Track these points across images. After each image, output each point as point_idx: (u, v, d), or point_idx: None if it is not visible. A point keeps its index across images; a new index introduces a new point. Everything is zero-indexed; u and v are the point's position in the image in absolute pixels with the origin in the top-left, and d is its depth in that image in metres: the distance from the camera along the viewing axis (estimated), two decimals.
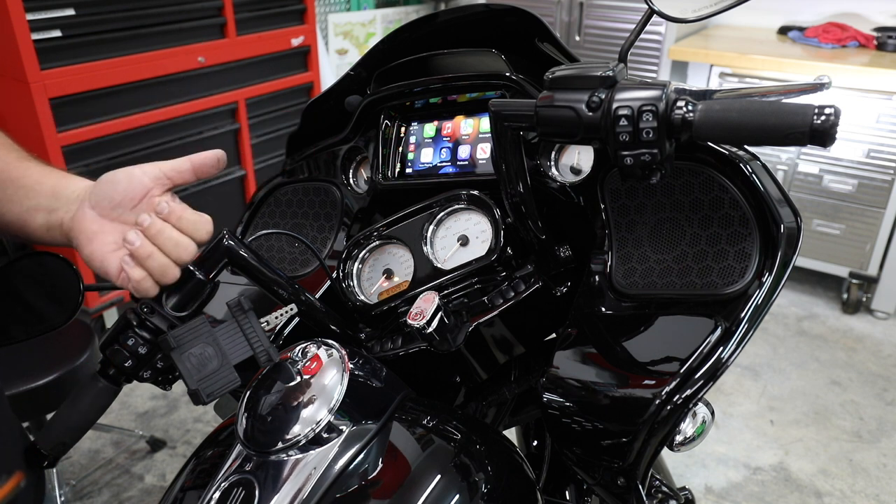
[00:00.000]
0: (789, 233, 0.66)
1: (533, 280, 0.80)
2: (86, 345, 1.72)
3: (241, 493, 0.64)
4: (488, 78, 0.88)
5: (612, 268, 0.75)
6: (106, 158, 2.36)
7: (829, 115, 0.53)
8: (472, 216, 0.85)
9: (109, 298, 2.52)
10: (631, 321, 0.72)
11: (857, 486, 2.04)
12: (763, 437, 2.22)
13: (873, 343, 2.70)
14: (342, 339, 0.79)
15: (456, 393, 0.93)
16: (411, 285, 0.85)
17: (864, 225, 2.74)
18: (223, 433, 0.78)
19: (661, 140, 0.60)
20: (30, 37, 2.10)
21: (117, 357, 0.69)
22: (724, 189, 0.70)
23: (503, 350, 0.87)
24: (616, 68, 0.63)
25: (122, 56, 2.36)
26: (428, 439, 0.71)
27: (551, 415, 0.71)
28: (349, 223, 0.99)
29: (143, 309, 0.69)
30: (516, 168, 0.73)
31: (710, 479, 2.06)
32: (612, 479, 0.69)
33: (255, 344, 0.68)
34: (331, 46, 3.75)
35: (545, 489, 0.96)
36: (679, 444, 0.71)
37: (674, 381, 0.64)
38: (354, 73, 1.01)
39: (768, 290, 0.66)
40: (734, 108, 0.58)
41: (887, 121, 2.59)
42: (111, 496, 2.03)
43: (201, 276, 0.71)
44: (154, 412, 2.36)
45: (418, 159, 0.95)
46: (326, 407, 0.66)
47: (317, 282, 0.95)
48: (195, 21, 2.55)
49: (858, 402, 2.38)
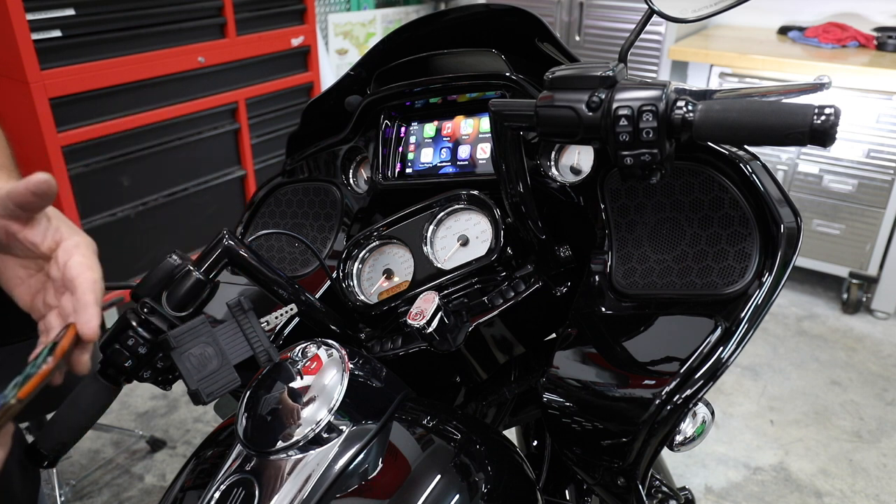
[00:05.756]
0: (789, 233, 0.66)
1: (533, 280, 0.80)
2: None
3: (241, 493, 0.64)
4: (488, 78, 0.88)
5: (612, 268, 0.75)
6: (106, 158, 2.36)
7: (829, 115, 0.53)
8: (472, 216, 0.85)
9: (109, 298, 2.52)
10: (631, 321, 0.72)
11: (857, 486, 2.04)
12: (763, 437, 2.22)
13: (873, 343, 2.70)
14: (342, 339, 0.79)
15: (456, 393, 0.93)
16: (411, 285, 0.85)
17: (864, 225, 2.74)
18: (223, 433, 0.78)
19: (661, 140, 0.60)
20: (30, 37, 2.09)
21: (117, 357, 0.69)
22: (724, 189, 0.70)
23: (503, 350, 0.87)
24: (616, 68, 0.63)
25: (122, 56, 2.35)
26: (428, 439, 0.71)
27: (551, 415, 0.71)
28: (349, 223, 0.99)
29: (143, 309, 0.69)
30: (516, 168, 0.73)
31: (710, 479, 2.06)
32: (612, 479, 0.69)
33: (255, 344, 0.68)
34: (331, 46, 3.75)
35: (545, 489, 0.96)
36: (679, 444, 0.71)
37: (674, 381, 0.64)
38: (354, 73, 1.01)
39: (768, 290, 0.66)
40: (734, 108, 0.58)
41: (887, 121, 2.59)
42: (111, 496, 2.03)
43: (201, 276, 0.71)
44: (154, 412, 2.36)
45: (418, 159, 0.95)
46: (326, 407, 0.66)
47: (317, 282, 0.95)
48: (195, 21, 2.54)
49: (858, 402, 2.38)
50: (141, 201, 2.52)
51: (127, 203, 2.48)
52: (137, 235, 2.55)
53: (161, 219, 2.62)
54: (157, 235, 2.61)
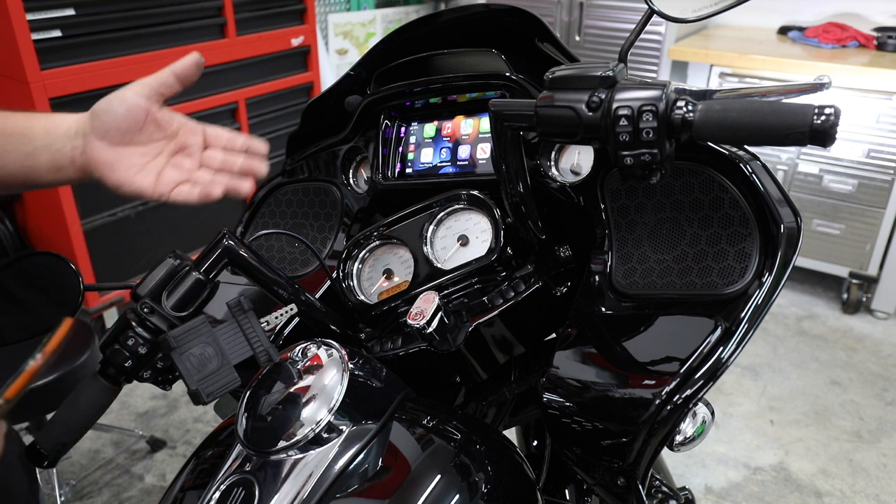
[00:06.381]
0: (789, 233, 0.66)
1: (533, 280, 0.80)
2: (86, 345, 1.72)
3: (241, 493, 0.64)
4: (488, 78, 0.88)
5: (612, 268, 0.75)
6: None
7: (829, 115, 0.53)
8: (472, 216, 0.85)
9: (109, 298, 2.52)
10: (631, 321, 0.72)
11: (857, 486, 2.04)
12: (763, 437, 2.22)
13: (873, 343, 2.70)
14: (342, 339, 0.79)
15: (456, 393, 0.93)
16: (411, 285, 0.85)
17: (864, 225, 2.74)
18: (223, 433, 0.78)
19: (661, 140, 0.60)
20: (30, 37, 2.10)
21: (117, 357, 0.69)
22: (724, 189, 0.70)
23: (503, 350, 0.87)
24: (616, 68, 0.63)
25: (122, 56, 2.36)
26: (428, 439, 0.71)
27: (551, 415, 0.71)
28: (349, 223, 0.99)
29: (143, 309, 0.69)
30: (516, 168, 0.73)
31: (710, 479, 2.06)
32: (612, 479, 0.69)
33: (255, 344, 0.68)
34: (331, 46, 3.75)
35: (545, 489, 0.96)
36: (679, 444, 0.71)
37: (674, 381, 0.64)
38: (354, 73, 1.01)
39: (768, 290, 0.66)
40: (734, 108, 0.58)
41: (887, 121, 2.59)
42: (111, 496, 2.03)
43: (201, 276, 0.71)
44: (154, 412, 2.36)
45: (418, 159, 0.95)
46: (326, 407, 0.66)
47: (317, 282, 0.95)
48: (195, 21, 2.55)
49: (858, 402, 2.38)
50: (141, 201, 2.52)
51: (127, 203, 2.48)
52: (137, 235, 2.55)
53: (161, 219, 2.61)
54: (157, 235, 2.61)
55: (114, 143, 0.69)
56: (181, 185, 0.72)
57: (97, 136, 0.69)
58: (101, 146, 0.69)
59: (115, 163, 0.70)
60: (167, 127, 0.72)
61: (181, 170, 0.72)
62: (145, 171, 0.71)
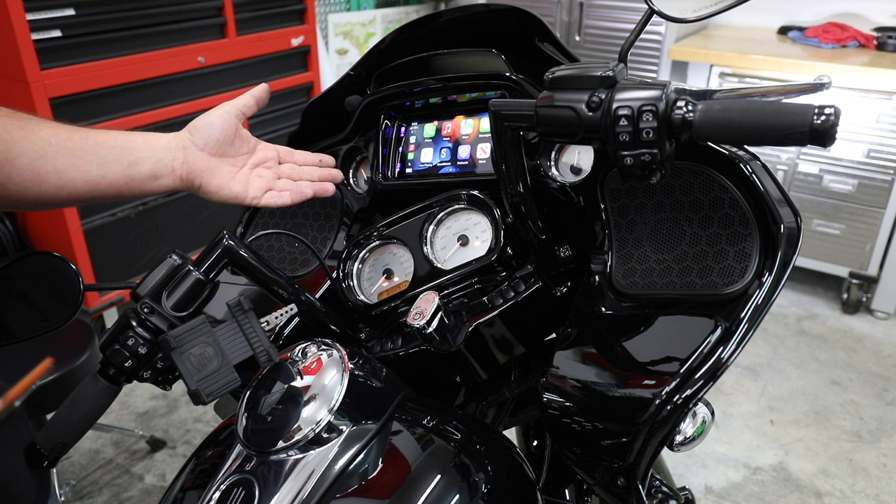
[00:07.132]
0: (789, 233, 0.66)
1: (533, 280, 0.80)
2: (86, 345, 1.72)
3: (241, 493, 0.64)
4: (488, 78, 0.88)
5: (612, 268, 0.75)
6: None
7: (829, 115, 0.53)
8: (472, 216, 0.85)
9: (109, 298, 2.52)
10: (631, 321, 0.72)
11: (857, 486, 2.04)
12: (763, 437, 2.22)
13: (873, 343, 2.70)
14: (342, 339, 0.79)
15: (456, 393, 0.93)
16: (411, 285, 0.85)
17: (864, 225, 2.74)
18: (223, 433, 0.78)
19: (661, 140, 0.60)
20: (30, 37, 2.10)
21: (117, 357, 0.69)
22: (724, 189, 0.70)
23: (503, 350, 0.87)
24: (616, 68, 0.63)
25: (122, 56, 2.36)
26: (428, 439, 0.71)
27: (551, 415, 0.71)
28: (349, 223, 0.99)
29: (143, 309, 0.69)
30: (516, 168, 0.73)
31: (710, 479, 2.06)
32: (612, 479, 0.69)
33: (255, 344, 0.68)
34: (331, 46, 3.75)
35: (545, 489, 0.96)
36: (679, 444, 0.71)
37: (674, 381, 0.64)
38: (354, 73, 1.01)
39: (768, 290, 0.66)
40: (734, 108, 0.58)
41: (887, 121, 2.59)
42: (111, 496, 2.03)
43: (201, 276, 0.71)
44: (154, 412, 2.36)
45: (418, 159, 0.95)
46: (326, 407, 0.66)
47: (317, 282, 0.95)
48: (195, 21, 2.55)
49: (858, 402, 2.38)
50: (141, 201, 2.52)
51: (127, 203, 2.48)
52: (137, 235, 2.55)
53: (161, 219, 2.62)
54: (157, 235, 2.61)
55: (212, 153, 0.81)
56: (269, 191, 0.84)
57: (198, 147, 0.80)
58: (202, 156, 0.80)
59: (213, 170, 0.81)
60: (248, 142, 0.84)
61: (264, 179, 0.84)
62: (236, 179, 0.82)
